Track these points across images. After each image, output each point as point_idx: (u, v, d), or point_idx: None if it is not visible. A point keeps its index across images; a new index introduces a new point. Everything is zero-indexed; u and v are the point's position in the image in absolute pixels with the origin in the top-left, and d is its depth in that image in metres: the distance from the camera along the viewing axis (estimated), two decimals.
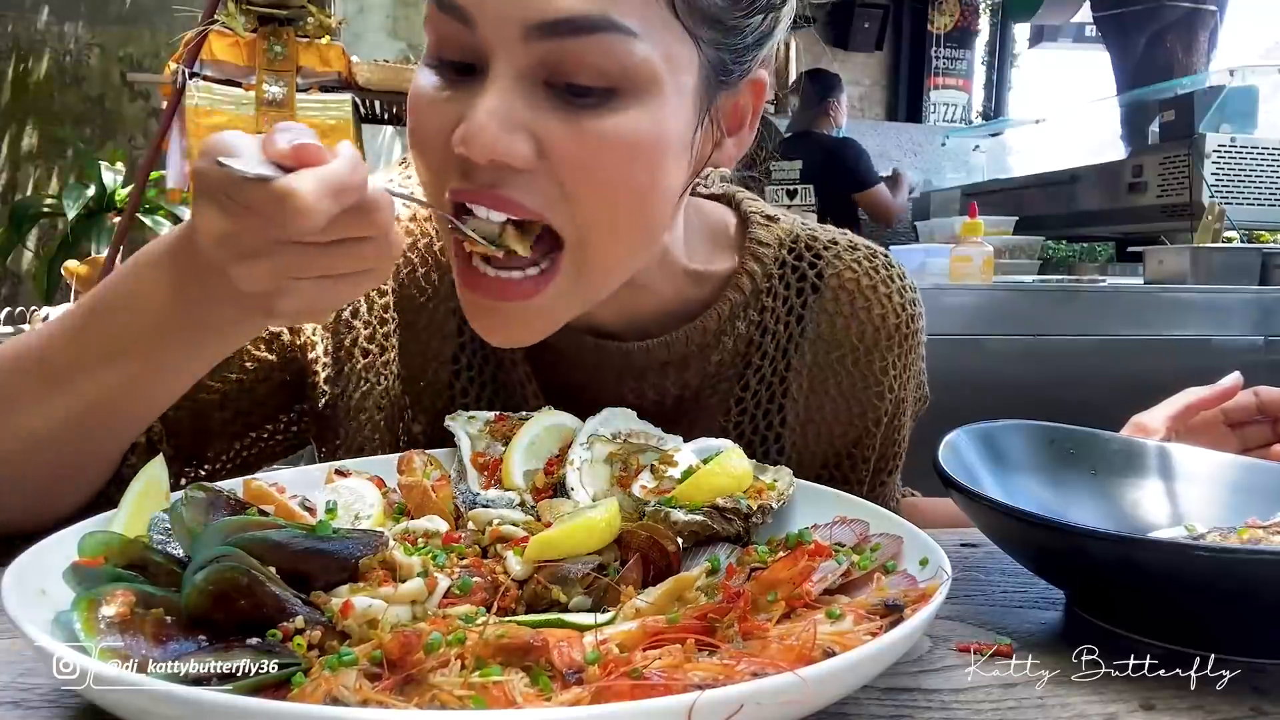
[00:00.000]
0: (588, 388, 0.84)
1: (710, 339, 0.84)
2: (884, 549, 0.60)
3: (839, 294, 0.87)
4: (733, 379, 0.86)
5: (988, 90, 7.28)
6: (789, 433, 0.87)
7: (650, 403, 0.84)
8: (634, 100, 0.65)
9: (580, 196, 0.66)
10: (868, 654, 0.44)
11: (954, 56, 6.97)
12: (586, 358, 0.83)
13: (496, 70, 0.64)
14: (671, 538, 0.61)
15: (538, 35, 0.62)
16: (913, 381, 0.93)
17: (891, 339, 0.88)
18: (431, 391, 0.86)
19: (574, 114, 0.64)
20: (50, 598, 0.50)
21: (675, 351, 0.83)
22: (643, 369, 0.83)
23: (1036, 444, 0.79)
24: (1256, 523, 0.69)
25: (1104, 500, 0.76)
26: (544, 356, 0.85)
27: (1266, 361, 2.66)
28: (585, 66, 0.63)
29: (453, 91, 0.67)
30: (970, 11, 6.98)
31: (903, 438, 0.95)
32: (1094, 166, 3.84)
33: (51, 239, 5.37)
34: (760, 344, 0.86)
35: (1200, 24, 5.30)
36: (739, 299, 0.85)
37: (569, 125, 0.64)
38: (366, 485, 0.69)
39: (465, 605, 0.53)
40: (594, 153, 0.65)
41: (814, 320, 0.87)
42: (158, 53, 5.37)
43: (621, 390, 0.84)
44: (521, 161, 0.64)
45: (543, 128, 0.64)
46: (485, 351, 0.86)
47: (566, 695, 0.42)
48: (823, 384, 0.88)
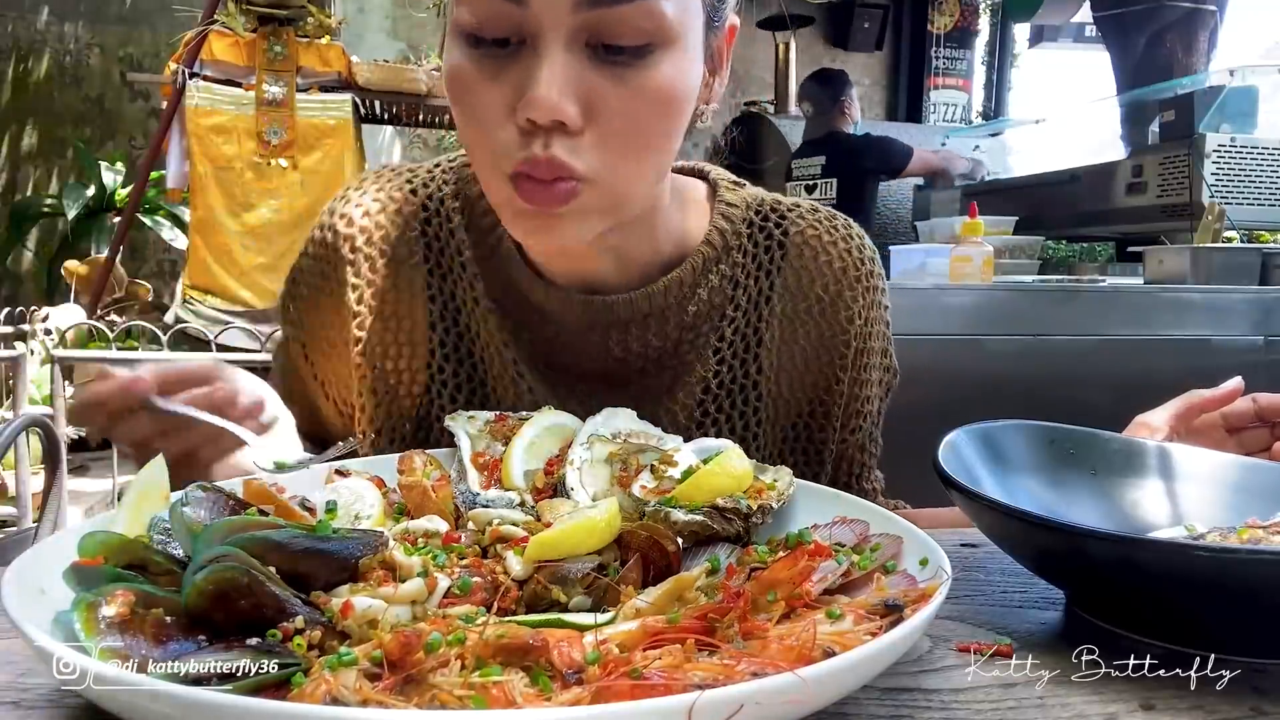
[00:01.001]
0: (573, 344, 0.89)
1: (687, 290, 0.90)
2: (884, 549, 0.60)
3: (803, 250, 0.95)
4: (709, 331, 0.92)
5: (988, 90, 7.28)
6: (765, 380, 0.93)
7: (634, 355, 0.90)
8: (664, 53, 0.72)
9: (618, 147, 0.72)
10: (867, 654, 0.44)
11: (954, 56, 6.97)
12: (574, 312, 0.88)
13: (548, 40, 0.69)
14: (671, 538, 0.61)
15: (587, 5, 0.68)
16: (878, 342, 0.98)
17: (854, 289, 0.95)
18: (411, 377, 0.91)
19: (617, 71, 0.71)
20: (50, 598, 0.49)
21: (655, 303, 0.89)
22: (626, 321, 0.88)
23: (1036, 444, 0.79)
24: (1256, 523, 0.69)
25: (1104, 500, 0.76)
26: (532, 316, 0.89)
27: (1266, 362, 2.66)
28: (627, 28, 0.70)
29: (501, 66, 0.71)
30: (970, 11, 6.98)
31: (870, 396, 0.99)
32: (1094, 166, 3.83)
33: (51, 239, 5.38)
34: (733, 297, 0.92)
35: (1200, 24, 5.30)
36: (710, 254, 0.91)
37: (614, 83, 0.71)
38: (366, 485, 0.69)
39: (465, 605, 0.53)
40: (637, 107, 0.71)
41: (781, 275, 0.94)
42: (158, 53, 5.38)
43: (607, 343, 0.89)
44: (573, 121, 0.70)
45: (592, 88, 0.70)
46: (460, 330, 0.91)
47: (566, 695, 0.42)
48: (793, 334, 0.94)
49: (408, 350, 0.91)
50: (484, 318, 0.90)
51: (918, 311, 2.49)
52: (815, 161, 4.48)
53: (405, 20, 5.71)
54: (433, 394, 0.91)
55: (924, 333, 2.47)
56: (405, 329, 0.91)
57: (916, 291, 2.68)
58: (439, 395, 0.91)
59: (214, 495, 0.59)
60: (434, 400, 0.91)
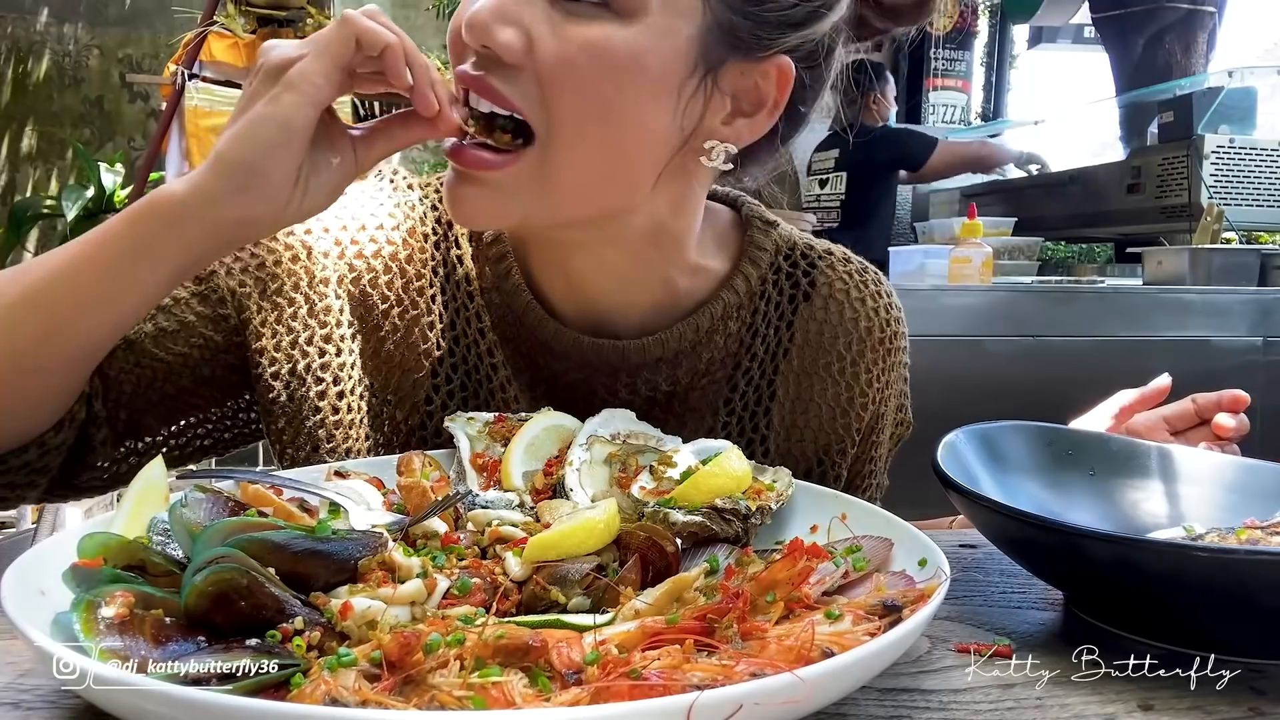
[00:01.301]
0: (582, 384, 0.86)
1: (703, 336, 0.86)
2: (868, 550, 0.60)
3: (829, 302, 0.91)
4: (722, 380, 0.88)
5: (987, 91, 7.28)
6: (773, 436, 0.89)
7: (643, 398, 0.86)
8: (617, 18, 0.70)
9: (554, 95, 0.71)
10: (866, 654, 0.44)
11: (953, 58, 6.97)
12: (584, 355, 0.84)
13: None
14: (670, 538, 0.61)
15: None
16: (894, 400, 0.95)
17: (876, 351, 0.91)
18: (408, 401, 0.86)
19: (561, 18, 0.70)
20: (50, 598, 0.49)
21: (669, 347, 0.85)
22: (637, 365, 0.85)
23: (1035, 445, 0.79)
24: (1255, 523, 0.69)
25: (1103, 501, 0.77)
26: (539, 357, 0.86)
27: (1265, 362, 2.66)
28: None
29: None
30: (969, 13, 6.97)
31: (879, 456, 0.96)
32: (1093, 167, 3.84)
33: (51, 240, 5.37)
34: (750, 346, 0.89)
35: (1199, 25, 5.30)
36: (733, 299, 0.87)
37: (554, 26, 0.70)
38: (366, 486, 0.69)
39: (464, 606, 0.53)
40: (570, 52, 0.70)
41: (803, 327, 0.90)
42: (157, 54, 5.38)
43: (615, 386, 0.85)
44: (507, 53, 0.70)
45: (531, 25, 0.70)
46: (467, 367, 0.86)
47: (566, 696, 0.42)
48: (809, 390, 0.90)
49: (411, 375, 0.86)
50: (489, 350, 0.86)
51: (916, 313, 2.47)
52: (831, 155, 4.37)
53: (404, 21, 5.71)
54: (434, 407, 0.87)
55: (923, 334, 2.46)
56: (412, 352, 0.86)
57: (915, 293, 2.68)
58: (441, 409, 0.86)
59: (213, 497, 0.59)
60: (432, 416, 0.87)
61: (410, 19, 5.66)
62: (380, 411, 0.87)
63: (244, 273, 0.84)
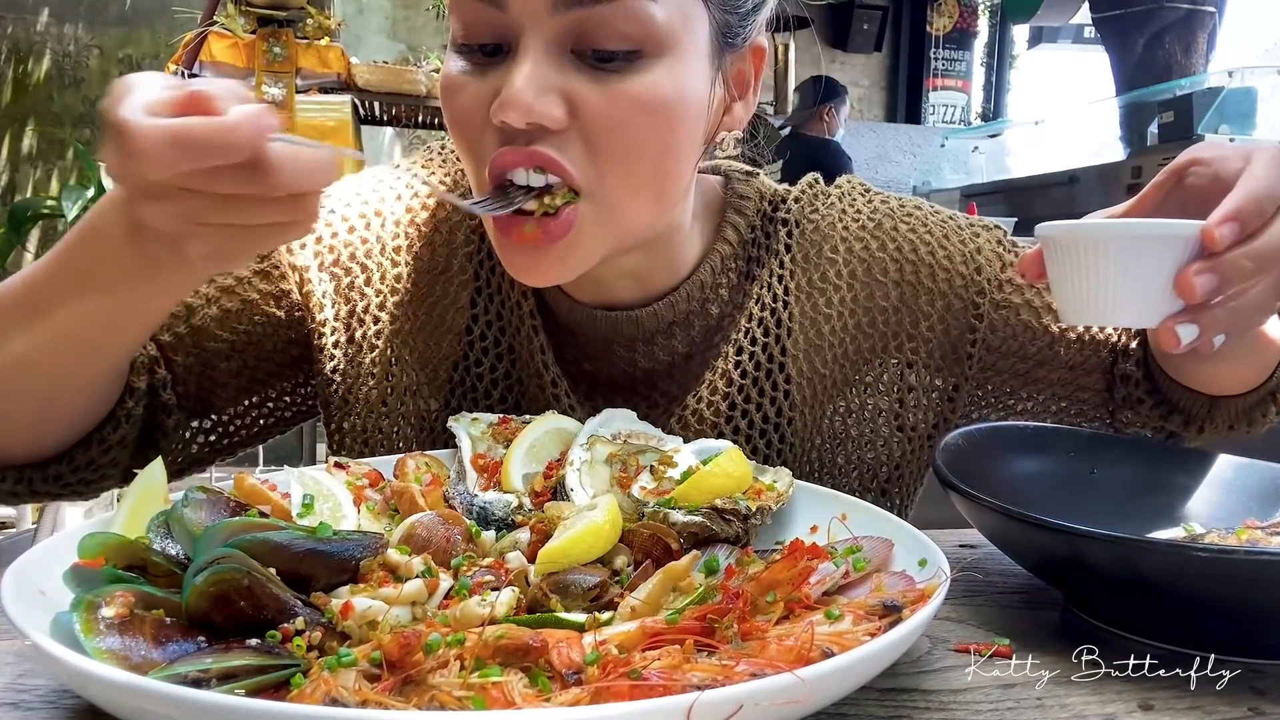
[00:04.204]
0: (600, 357, 0.88)
1: (709, 292, 0.88)
2: (868, 550, 0.60)
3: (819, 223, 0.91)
4: (729, 326, 0.89)
5: (987, 91, 7.29)
6: (791, 362, 0.87)
7: (661, 363, 0.88)
8: (656, 61, 0.70)
9: (607, 154, 0.71)
10: (866, 654, 0.44)
11: (953, 58, 6.97)
12: (597, 329, 0.86)
13: (527, 43, 0.68)
14: (674, 535, 0.61)
15: (564, 6, 0.67)
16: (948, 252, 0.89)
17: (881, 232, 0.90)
18: (446, 364, 0.89)
19: (602, 76, 0.69)
20: (50, 598, 0.50)
21: (679, 310, 0.87)
22: (652, 333, 0.87)
23: (1036, 445, 0.79)
24: (1255, 523, 0.69)
25: (1103, 501, 0.76)
26: (557, 333, 0.88)
27: None
28: (610, 32, 0.68)
29: (485, 72, 0.71)
30: (969, 13, 6.98)
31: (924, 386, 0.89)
32: (1093, 167, 3.84)
33: (51, 240, 5.37)
34: (752, 291, 0.89)
35: (1199, 25, 5.30)
36: (727, 250, 0.89)
37: (598, 86, 0.69)
38: (335, 484, 0.68)
39: (474, 599, 0.53)
40: (623, 111, 0.69)
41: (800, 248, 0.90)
42: (157, 54, 5.38)
43: (633, 355, 0.87)
44: (555, 122, 0.69)
45: (574, 90, 0.69)
46: (500, 324, 0.88)
47: (566, 696, 0.42)
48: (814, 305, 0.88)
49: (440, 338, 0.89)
50: (530, 313, 0.87)
51: None
52: (774, 167, 4.48)
53: (405, 22, 5.71)
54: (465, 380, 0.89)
55: None
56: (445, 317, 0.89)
57: None
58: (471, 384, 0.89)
59: (214, 497, 0.59)
60: (460, 386, 0.89)
61: (410, 19, 5.66)
62: (412, 392, 0.89)
63: (302, 248, 0.88)
